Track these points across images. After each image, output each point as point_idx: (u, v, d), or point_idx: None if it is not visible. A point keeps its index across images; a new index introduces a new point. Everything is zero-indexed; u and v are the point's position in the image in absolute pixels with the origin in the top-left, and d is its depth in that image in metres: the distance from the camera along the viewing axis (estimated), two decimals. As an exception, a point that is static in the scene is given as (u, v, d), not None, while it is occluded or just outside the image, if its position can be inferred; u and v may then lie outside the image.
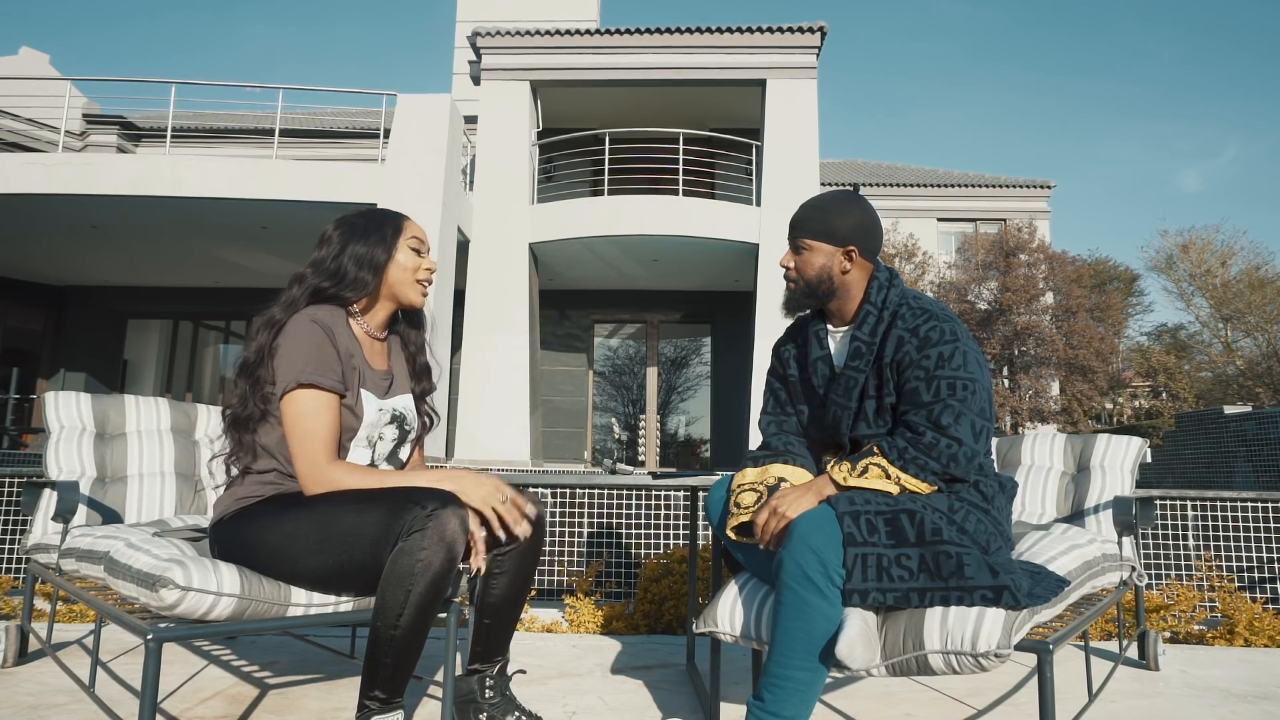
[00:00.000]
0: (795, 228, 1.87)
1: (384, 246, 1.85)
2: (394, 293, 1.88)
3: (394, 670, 1.56)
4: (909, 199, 18.34)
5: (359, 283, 1.83)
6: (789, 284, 1.89)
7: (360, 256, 1.83)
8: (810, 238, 1.85)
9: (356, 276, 1.82)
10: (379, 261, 1.84)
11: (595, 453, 13.58)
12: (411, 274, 1.88)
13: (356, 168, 9.76)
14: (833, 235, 1.83)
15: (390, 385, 1.90)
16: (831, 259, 1.84)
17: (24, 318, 13.37)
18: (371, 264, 1.84)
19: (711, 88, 11.62)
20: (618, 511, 3.74)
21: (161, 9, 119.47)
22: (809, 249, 1.85)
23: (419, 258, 1.90)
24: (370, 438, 1.83)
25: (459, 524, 1.56)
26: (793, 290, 1.89)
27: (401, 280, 1.87)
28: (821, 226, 1.83)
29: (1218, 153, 72.02)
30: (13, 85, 14.57)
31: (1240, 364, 21.89)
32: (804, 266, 1.86)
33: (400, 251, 1.87)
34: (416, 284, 1.89)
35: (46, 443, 2.41)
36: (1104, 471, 2.54)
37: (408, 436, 1.92)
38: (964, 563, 1.53)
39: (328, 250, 1.85)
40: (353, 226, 1.88)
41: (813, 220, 1.85)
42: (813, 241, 1.84)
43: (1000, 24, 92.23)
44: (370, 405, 1.82)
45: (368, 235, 1.85)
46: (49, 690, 2.15)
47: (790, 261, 1.88)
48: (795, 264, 1.87)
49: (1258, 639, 2.99)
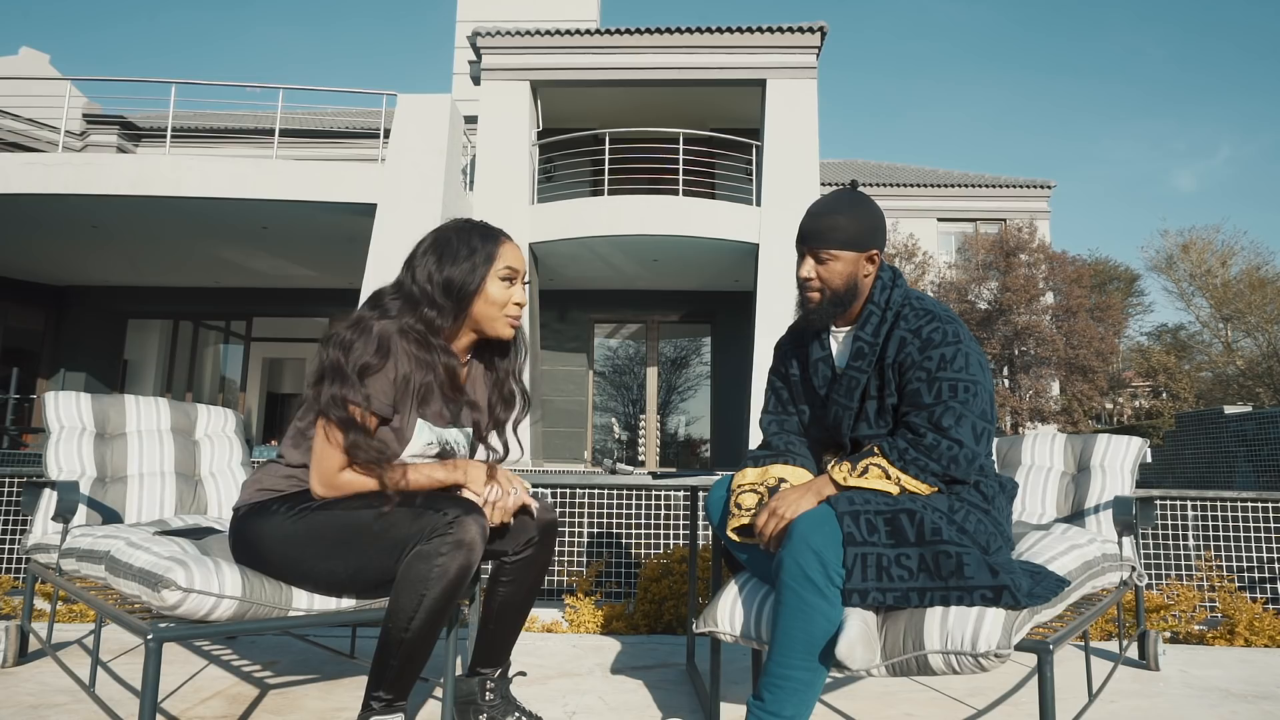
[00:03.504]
0: (818, 238, 1.80)
1: (474, 275, 1.72)
2: (479, 326, 1.76)
3: (400, 672, 1.56)
4: (909, 199, 18.34)
5: (442, 311, 1.70)
6: (812, 294, 1.82)
7: (447, 284, 1.70)
8: (836, 248, 1.79)
9: (440, 305, 1.70)
10: (467, 293, 1.71)
11: (595, 453, 13.58)
12: (500, 309, 1.75)
13: (357, 168, 9.77)
14: (857, 242, 1.79)
15: (457, 414, 1.80)
16: (856, 265, 1.81)
17: (24, 318, 13.37)
18: (459, 294, 1.71)
19: (711, 88, 11.61)
20: (618, 511, 3.74)
21: (161, 9, 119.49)
22: (835, 258, 1.79)
23: (510, 289, 1.75)
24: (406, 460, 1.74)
25: (479, 532, 1.55)
26: (819, 301, 1.82)
27: (488, 316, 1.75)
28: (846, 235, 1.79)
29: (1212, 152, 72.14)
30: (13, 85, 14.57)
31: (1240, 364, 21.88)
32: (831, 277, 1.80)
33: (490, 283, 1.73)
34: (504, 318, 1.76)
35: (46, 443, 2.41)
36: (1104, 471, 2.53)
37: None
38: (964, 562, 1.53)
39: (415, 271, 1.73)
40: (445, 245, 1.74)
41: (837, 229, 1.79)
42: (839, 251, 1.79)
43: (998, 24, 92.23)
44: (421, 433, 1.73)
45: (458, 260, 1.72)
46: (49, 690, 2.15)
47: (813, 272, 1.81)
48: (820, 274, 1.81)
49: (1258, 639, 2.99)
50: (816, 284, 1.82)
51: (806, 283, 1.82)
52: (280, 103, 10.08)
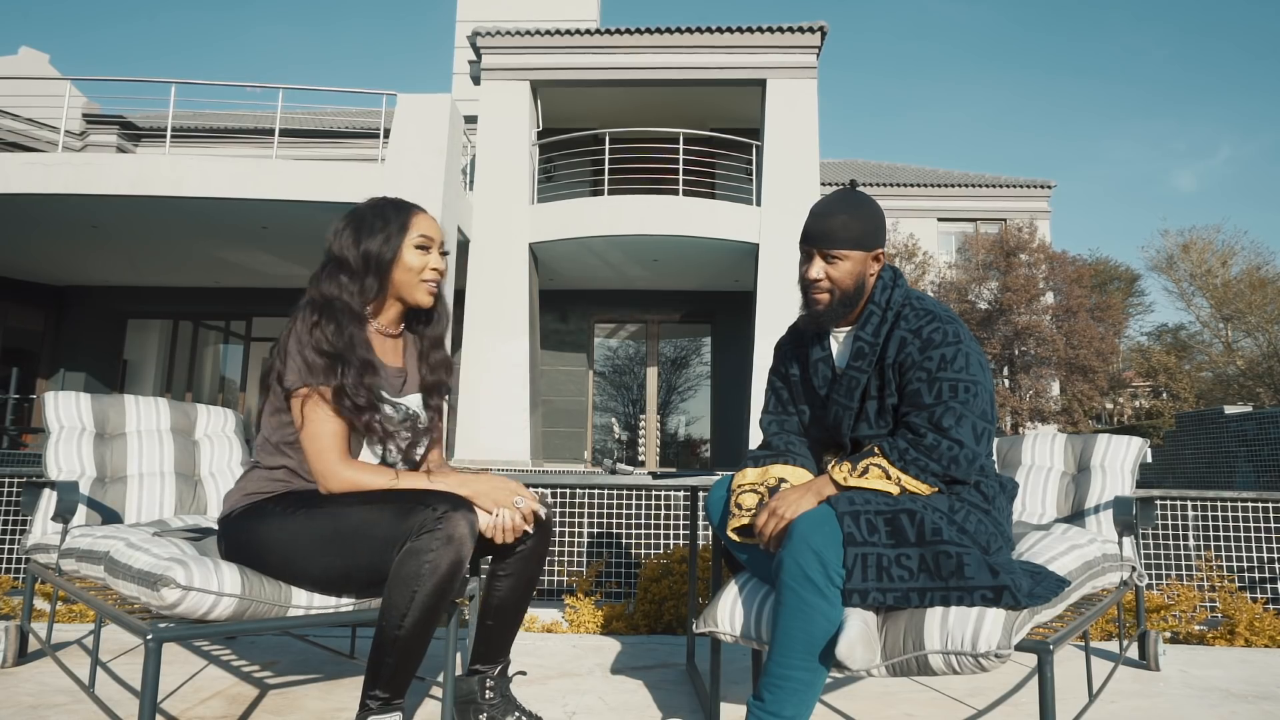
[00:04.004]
0: (827, 238, 1.79)
1: (389, 245, 1.79)
2: (399, 294, 1.83)
3: (396, 670, 1.56)
4: (909, 199, 18.35)
5: (364, 284, 1.78)
6: (821, 295, 1.82)
7: (365, 256, 1.78)
8: (846, 247, 1.79)
9: (362, 278, 1.78)
10: (384, 262, 1.79)
11: (595, 453, 13.58)
12: (417, 275, 1.81)
13: (357, 168, 9.76)
14: (863, 241, 1.80)
15: (404, 383, 1.87)
16: (864, 264, 1.81)
17: (24, 318, 13.37)
18: (377, 264, 1.78)
19: (711, 88, 11.61)
20: (618, 511, 3.74)
21: (161, 9, 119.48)
22: (844, 258, 1.79)
23: (426, 256, 1.82)
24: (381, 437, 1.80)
25: (468, 527, 1.55)
26: (828, 302, 1.81)
27: (406, 282, 1.81)
28: (853, 234, 1.79)
29: (1212, 152, 72.20)
30: (13, 85, 14.58)
31: (1241, 364, 21.88)
32: (842, 277, 1.80)
33: (406, 251, 1.80)
34: (422, 284, 1.83)
35: (46, 443, 2.41)
36: (1104, 471, 2.53)
37: (422, 435, 1.89)
38: (964, 563, 1.53)
39: (336, 246, 1.80)
40: (360, 221, 1.81)
41: (845, 229, 1.79)
42: (849, 251, 1.79)
43: (998, 24, 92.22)
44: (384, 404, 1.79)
45: (374, 233, 1.79)
46: (49, 690, 2.15)
47: (823, 273, 1.80)
48: (830, 274, 1.80)
49: (1258, 639, 2.99)
50: (826, 284, 1.81)
51: (816, 283, 1.81)
52: (280, 103, 10.08)
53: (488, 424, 10.42)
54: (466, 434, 10.41)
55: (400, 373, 1.87)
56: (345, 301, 1.76)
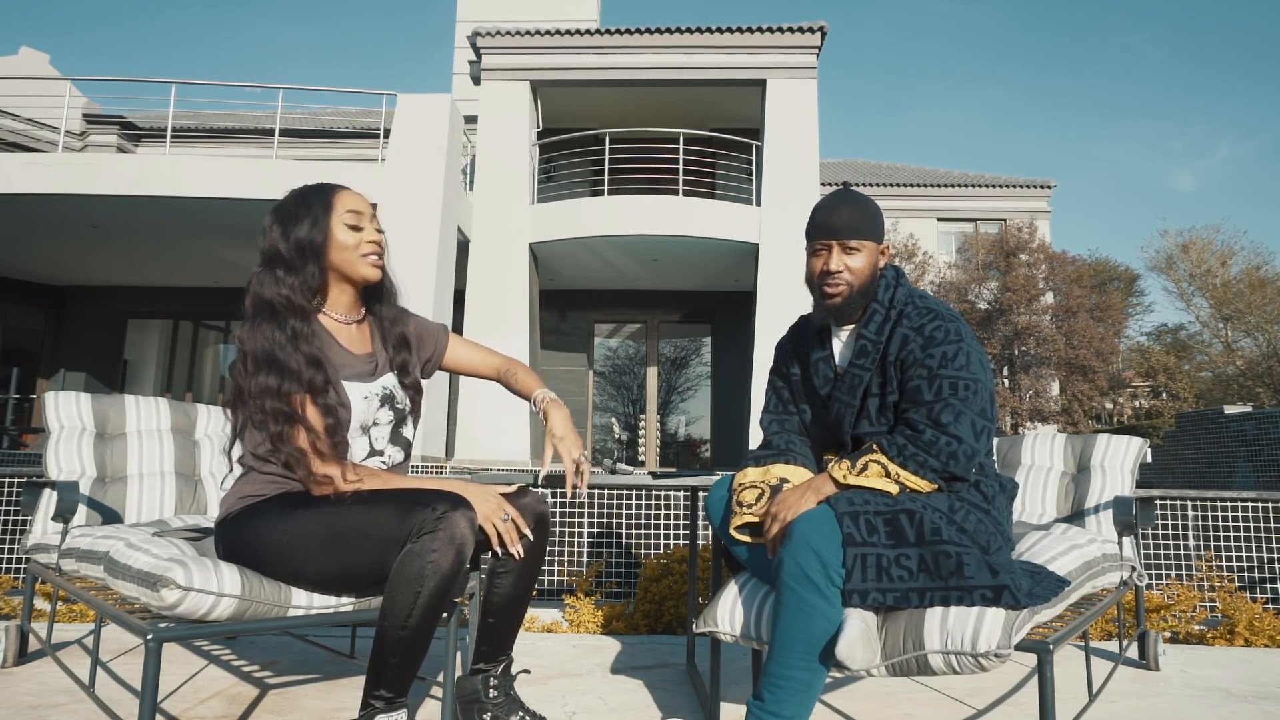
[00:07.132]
0: (844, 230, 1.81)
1: (318, 228, 1.75)
2: (344, 273, 1.80)
3: (399, 670, 1.56)
4: (909, 199, 18.34)
5: (306, 275, 1.74)
6: (840, 287, 1.82)
7: (298, 245, 1.74)
8: (863, 238, 1.81)
9: (301, 268, 1.74)
10: (317, 245, 1.75)
11: (595, 453, 13.58)
12: (355, 251, 1.78)
13: (357, 168, 9.77)
14: (875, 233, 1.84)
15: (376, 367, 1.86)
16: (876, 256, 1.85)
17: (24, 318, 13.37)
18: (311, 250, 1.74)
19: (711, 88, 11.61)
20: (618, 511, 3.74)
21: (161, 9, 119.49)
22: (861, 249, 1.82)
23: (359, 232, 1.79)
24: (364, 425, 1.81)
25: (469, 526, 1.56)
26: (847, 294, 1.82)
27: (346, 260, 1.78)
28: (867, 225, 1.82)
29: (1210, 152, 72.24)
30: (13, 85, 14.57)
31: (1240, 364, 21.88)
32: (860, 268, 1.82)
33: (337, 229, 1.77)
34: (363, 259, 1.79)
35: (46, 443, 2.41)
36: (1104, 471, 2.53)
37: (404, 415, 1.89)
38: (964, 562, 1.53)
39: (268, 244, 1.76)
40: (285, 212, 1.77)
41: (860, 219, 1.82)
42: (865, 242, 1.82)
43: (998, 24, 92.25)
44: (355, 394, 1.79)
45: (300, 220, 1.75)
46: (49, 690, 2.15)
47: (842, 264, 1.81)
48: (849, 266, 1.81)
49: (1258, 639, 2.99)
50: (846, 275, 1.82)
51: (835, 275, 1.81)
52: (280, 103, 10.08)
53: (488, 424, 10.42)
54: (466, 434, 10.41)
55: (370, 358, 1.85)
56: (286, 298, 1.73)
